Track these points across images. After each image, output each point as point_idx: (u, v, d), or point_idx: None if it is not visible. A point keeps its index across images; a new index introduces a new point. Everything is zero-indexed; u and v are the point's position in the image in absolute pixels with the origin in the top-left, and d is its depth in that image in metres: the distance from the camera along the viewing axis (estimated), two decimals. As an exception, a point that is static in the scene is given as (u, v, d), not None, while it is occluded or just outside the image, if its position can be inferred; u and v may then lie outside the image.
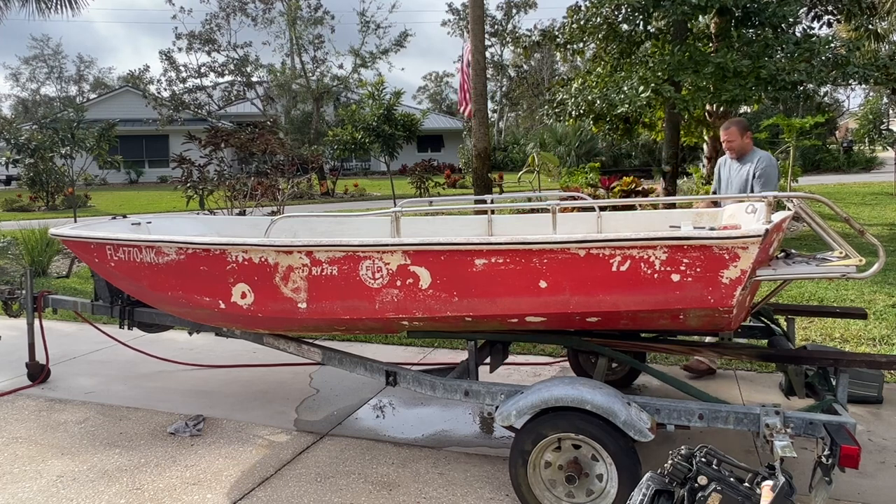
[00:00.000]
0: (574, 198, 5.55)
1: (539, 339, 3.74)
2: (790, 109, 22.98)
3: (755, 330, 3.92)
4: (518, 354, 5.30)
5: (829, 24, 12.64)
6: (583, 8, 11.97)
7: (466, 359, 3.53)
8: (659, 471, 2.33)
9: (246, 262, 3.30)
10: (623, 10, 11.42)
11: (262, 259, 3.26)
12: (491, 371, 3.84)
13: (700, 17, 11.61)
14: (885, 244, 8.45)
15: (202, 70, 31.78)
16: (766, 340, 3.81)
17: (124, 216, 4.98)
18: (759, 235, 2.56)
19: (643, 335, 3.92)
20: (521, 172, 14.33)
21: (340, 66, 34.12)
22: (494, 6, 40.22)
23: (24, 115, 39.63)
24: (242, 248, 3.30)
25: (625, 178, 12.18)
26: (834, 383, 3.12)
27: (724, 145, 4.94)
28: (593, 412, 2.78)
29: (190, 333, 4.61)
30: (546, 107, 12.42)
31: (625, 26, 11.84)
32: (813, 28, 11.90)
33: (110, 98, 38.11)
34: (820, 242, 4.17)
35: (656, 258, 2.71)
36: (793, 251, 3.20)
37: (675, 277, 2.70)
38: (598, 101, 10.66)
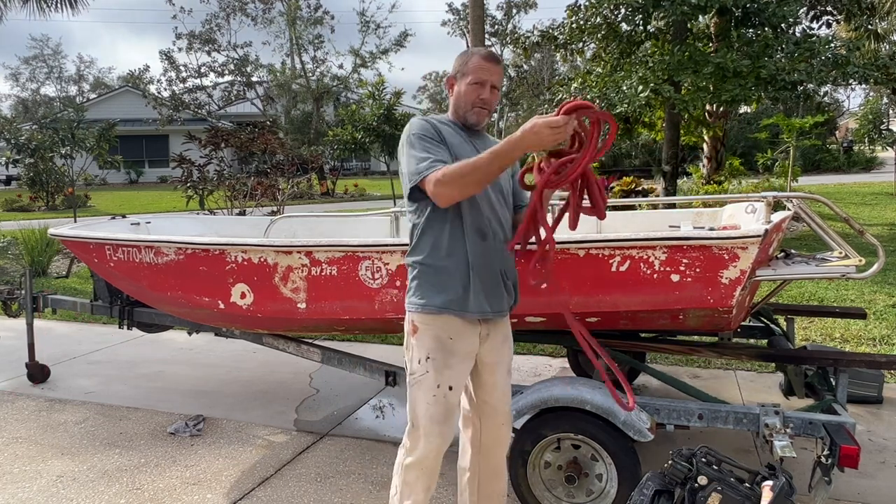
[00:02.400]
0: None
1: (539, 339, 3.74)
2: (790, 109, 22.97)
3: (755, 330, 3.92)
4: (518, 354, 5.30)
5: (829, 25, 12.64)
6: (583, 8, 11.98)
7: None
8: (659, 471, 2.34)
9: (245, 263, 3.30)
10: (623, 10, 11.43)
11: (262, 259, 3.26)
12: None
13: (700, 17, 11.61)
14: (884, 244, 8.45)
15: (202, 70, 31.82)
16: (766, 340, 3.81)
17: (124, 216, 4.99)
18: (758, 236, 2.56)
19: (643, 335, 3.92)
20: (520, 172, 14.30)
21: (340, 66, 34.21)
22: (494, 6, 40.21)
23: (24, 115, 39.63)
24: (242, 249, 3.31)
25: (625, 177, 12.20)
26: (834, 383, 3.12)
27: None
28: (593, 412, 2.78)
29: (189, 333, 4.61)
30: (546, 106, 12.42)
31: (624, 26, 11.84)
32: (813, 28, 11.90)
33: (110, 98, 38.10)
34: (820, 242, 4.18)
35: (656, 258, 2.71)
36: (792, 251, 3.21)
37: (675, 278, 2.70)
38: (598, 101, 10.66)
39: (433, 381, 2.27)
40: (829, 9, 12.13)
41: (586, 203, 2.10)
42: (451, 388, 2.29)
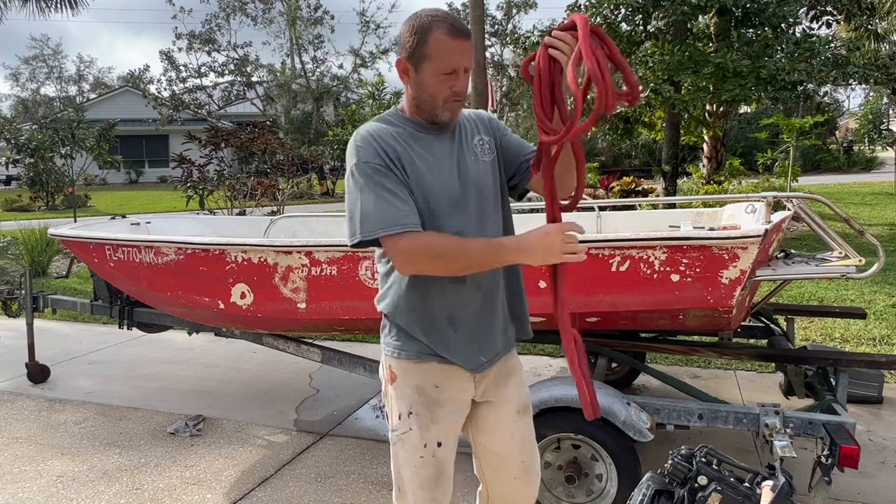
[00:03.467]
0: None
1: (539, 339, 3.74)
2: (790, 109, 22.98)
3: (755, 330, 3.92)
4: (519, 354, 5.29)
5: (829, 25, 12.65)
6: (582, 8, 11.98)
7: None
8: (659, 471, 2.33)
9: (245, 263, 3.30)
10: (623, 10, 11.43)
11: (262, 259, 3.26)
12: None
13: (700, 17, 11.61)
14: (885, 244, 8.45)
15: (202, 70, 31.85)
16: (766, 340, 3.81)
17: (124, 216, 4.99)
18: (758, 236, 2.56)
19: (643, 335, 3.92)
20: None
21: (340, 66, 34.29)
22: (494, 6, 40.20)
23: (24, 115, 39.62)
24: (242, 249, 3.30)
25: (624, 177, 12.19)
26: (834, 383, 3.12)
27: None
28: (593, 412, 2.78)
29: (189, 333, 4.61)
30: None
31: (624, 26, 11.84)
32: (813, 28, 11.91)
33: (110, 98, 38.09)
34: (820, 242, 4.18)
35: (656, 258, 2.71)
36: (792, 251, 3.21)
37: (675, 278, 2.70)
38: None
39: (418, 441, 1.87)
40: (829, 9, 12.14)
41: (583, 202, 1.84)
42: (440, 445, 1.88)
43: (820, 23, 12.22)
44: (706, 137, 13.07)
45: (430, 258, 1.69)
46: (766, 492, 2.10)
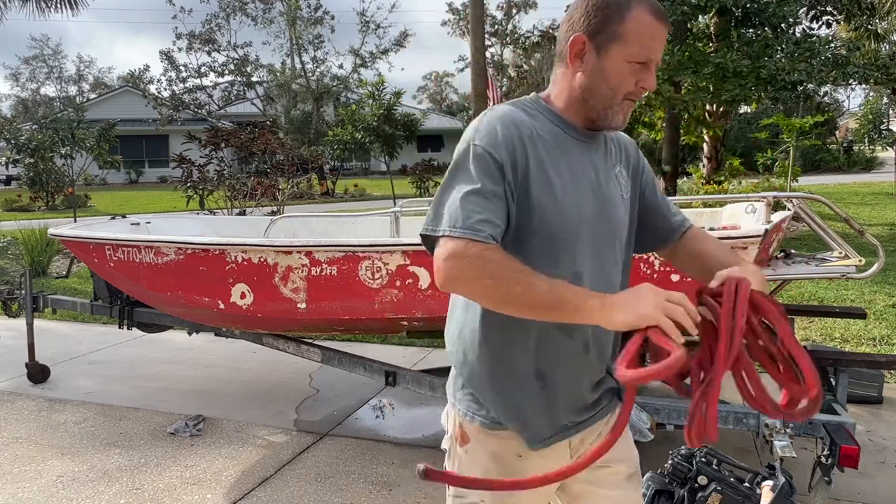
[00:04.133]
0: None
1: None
2: (790, 109, 22.98)
3: (755, 330, 3.91)
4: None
5: (829, 25, 12.65)
6: (582, 8, 11.97)
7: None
8: (659, 471, 2.34)
9: (245, 263, 3.30)
10: (623, 11, 11.42)
11: (262, 259, 3.26)
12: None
13: (700, 17, 11.61)
14: (885, 244, 8.45)
15: (202, 70, 31.84)
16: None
17: (124, 216, 5.00)
18: (758, 236, 2.57)
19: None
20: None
21: (340, 66, 34.17)
22: (494, 6, 40.25)
23: (24, 115, 39.62)
24: (242, 249, 3.31)
25: (624, 178, 12.17)
26: (834, 383, 3.12)
27: None
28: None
29: (189, 333, 4.61)
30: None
31: (625, 26, 11.84)
32: (813, 28, 11.91)
33: (110, 98, 38.06)
34: (820, 242, 4.17)
35: (656, 258, 2.71)
36: (793, 251, 3.21)
37: (675, 277, 2.70)
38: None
39: None
40: (829, 9, 12.14)
41: None
42: None
43: (820, 23, 12.22)
44: (706, 137, 13.07)
45: (476, 276, 1.23)
46: (766, 492, 2.11)
